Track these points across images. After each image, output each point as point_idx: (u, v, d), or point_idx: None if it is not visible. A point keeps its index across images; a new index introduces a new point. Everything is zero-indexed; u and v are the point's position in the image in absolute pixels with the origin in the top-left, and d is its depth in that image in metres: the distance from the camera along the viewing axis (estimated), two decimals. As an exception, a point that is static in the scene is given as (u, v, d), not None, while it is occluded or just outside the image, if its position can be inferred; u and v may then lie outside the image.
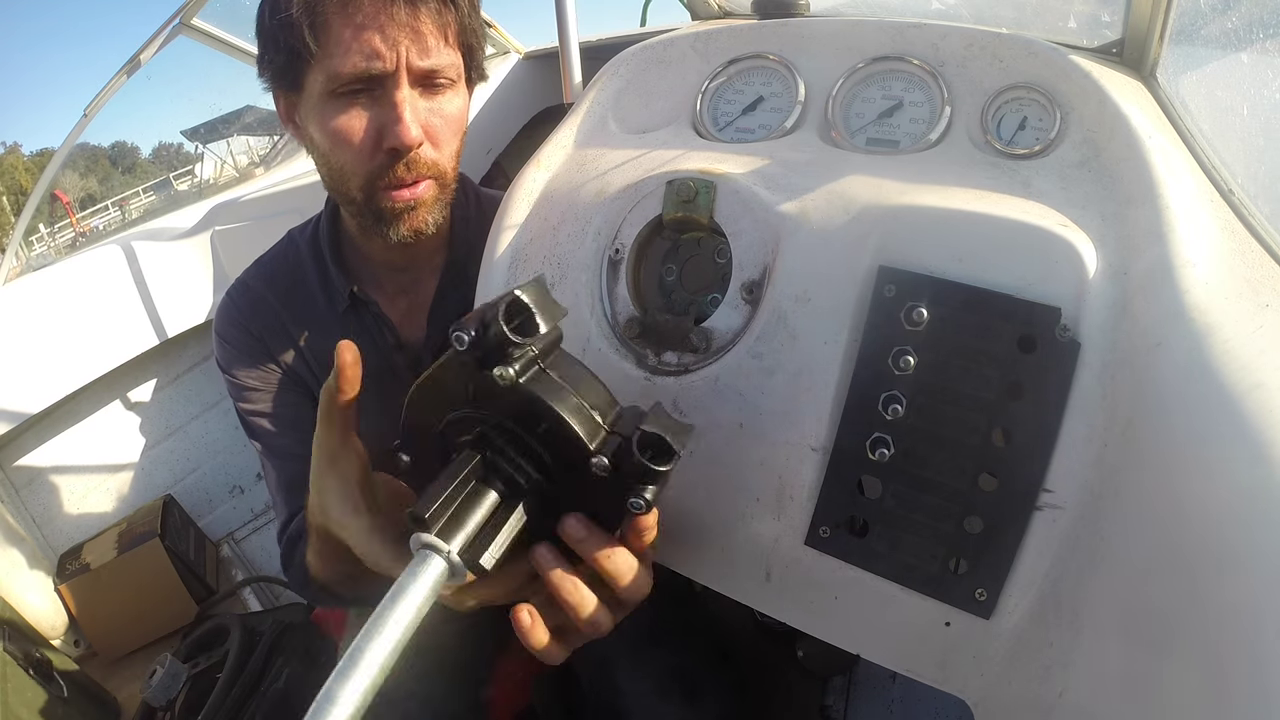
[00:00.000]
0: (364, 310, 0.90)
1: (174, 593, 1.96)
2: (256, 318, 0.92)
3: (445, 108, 0.77)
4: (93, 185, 11.71)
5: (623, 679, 0.84)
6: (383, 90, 0.73)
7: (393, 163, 0.75)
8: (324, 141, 0.76)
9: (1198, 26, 0.66)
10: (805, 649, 1.22)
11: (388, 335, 0.91)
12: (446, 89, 0.77)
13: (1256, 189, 0.53)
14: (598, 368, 0.66)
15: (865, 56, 0.65)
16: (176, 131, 6.74)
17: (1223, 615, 0.36)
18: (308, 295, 0.92)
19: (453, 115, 0.78)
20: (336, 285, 0.90)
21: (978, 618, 0.51)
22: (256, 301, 0.93)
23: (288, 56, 0.73)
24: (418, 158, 0.76)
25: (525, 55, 2.05)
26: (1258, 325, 0.42)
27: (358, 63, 0.70)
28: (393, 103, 0.72)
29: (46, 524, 2.11)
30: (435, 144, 0.77)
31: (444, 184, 0.81)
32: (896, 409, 0.52)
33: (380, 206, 0.78)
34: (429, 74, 0.74)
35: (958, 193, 0.55)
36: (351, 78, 0.72)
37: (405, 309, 0.92)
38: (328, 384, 0.50)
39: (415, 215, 0.79)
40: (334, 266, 0.90)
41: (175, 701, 1.39)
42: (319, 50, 0.71)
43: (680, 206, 0.62)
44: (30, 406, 1.92)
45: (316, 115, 0.75)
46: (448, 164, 0.80)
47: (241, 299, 0.94)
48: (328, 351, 0.91)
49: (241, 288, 0.95)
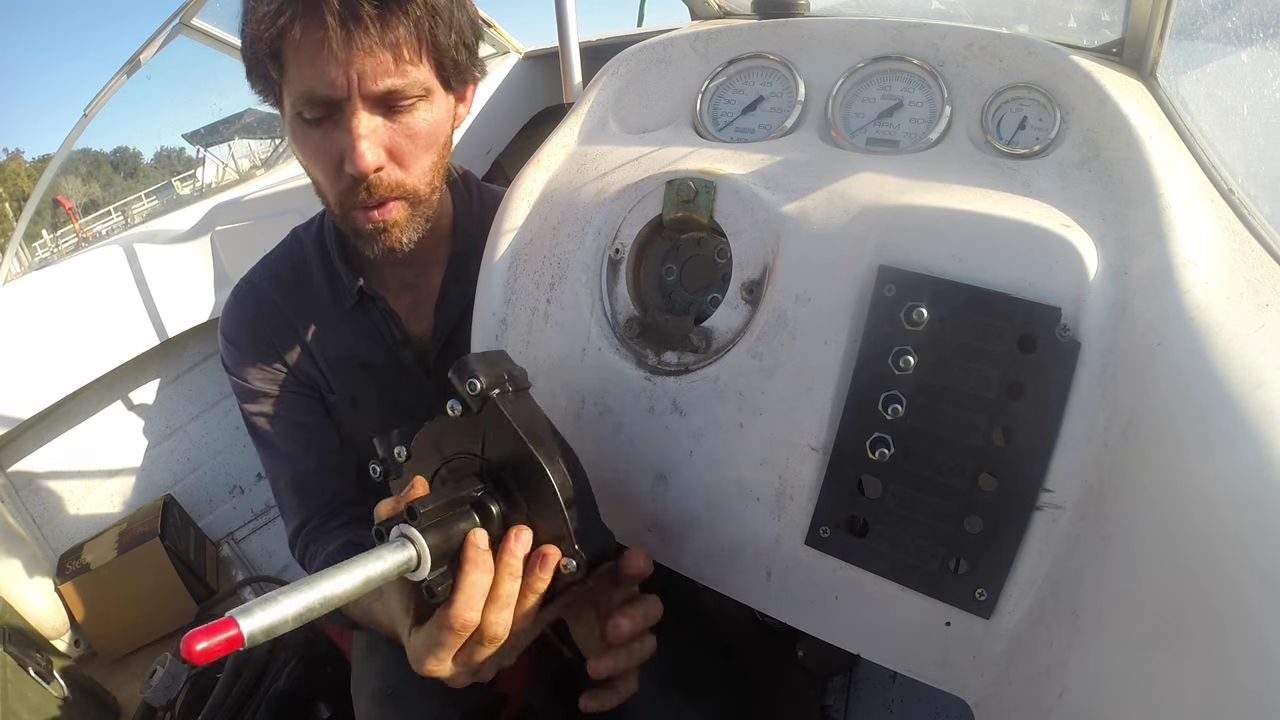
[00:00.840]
0: (371, 306, 0.91)
1: (174, 593, 1.96)
2: (262, 318, 0.93)
3: (414, 125, 0.76)
4: (95, 190, 11.71)
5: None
6: (341, 115, 0.73)
7: (355, 186, 0.75)
8: (301, 159, 0.79)
9: (1198, 26, 0.66)
10: (805, 649, 1.22)
11: (395, 330, 0.91)
12: (414, 106, 0.75)
13: (1256, 189, 0.53)
14: (598, 368, 0.66)
15: (865, 56, 0.65)
16: (177, 134, 6.74)
17: (1223, 615, 0.36)
18: (314, 293, 0.92)
19: (423, 131, 0.77)
20: (344, 281, 0.90)
21: (978, 617, 0.51)
22: (262, 302, 0.93)
23: (262, 81, 0.76)
24: (380, 180, 0.75)
25: (525, 55, 2.05)
26: (1258, 325, 0.42)
27: (314, 90, 0.71)
28: (347, 129, 0.72)
29: (46, 524, 2.11)
30: (402, 164, 0.77)
31: (416, 201, 0.80)
32: (896, 409, 0.52)
33: (355, 225, 0.79)
34: (387, 95, 0.73)
35: (958, 192, 0.55)
36: (309, 103, 0.72)
37: (411, 304, 0.93)
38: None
39: (388, 236, 0.79)
40: (341, 263, 0.90)
41: (175, 701, 1.39)
42: (282, 79, 0.73)
43: (680, 206, 0.62)
44: (30, 407, 1.92)
45: (291, 134, 0.78)
46: (419, 181, 0.79)
47: (247, 299, 0.94)
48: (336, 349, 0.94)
49: (247, 287, 0.95)
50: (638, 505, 0.66)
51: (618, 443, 0.65)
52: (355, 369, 0.93)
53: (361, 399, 0.93)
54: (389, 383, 0.93)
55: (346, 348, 0.92)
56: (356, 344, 0.92)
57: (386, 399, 0.93)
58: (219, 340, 0.95)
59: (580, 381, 0.67)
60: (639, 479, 0.65)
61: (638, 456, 0.65)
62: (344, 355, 0.92)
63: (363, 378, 0.93)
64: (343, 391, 0.93)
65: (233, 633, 0.35)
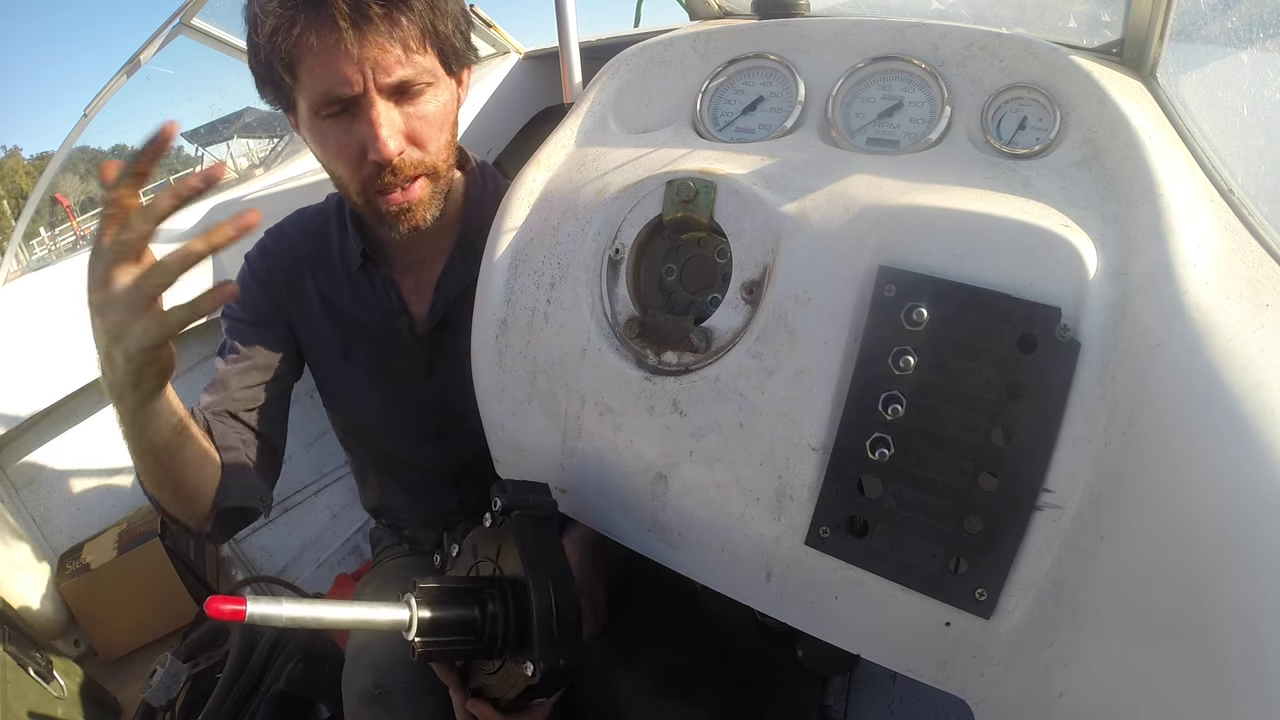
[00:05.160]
0: (374, 271, 0.96)
1: (174, 593, 1.95)
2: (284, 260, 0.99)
3: (426, 109, 0.81)
4: (93, 188, 11.70)
5: (621, 677, 0.84)
6: (359, 108, 0.78)
7: (379, 172, 0.80)
8: (321, 155, 0.84)
9: (1198, 26, 0.66)
10: (805, 649, 1.21)
11: (393, 297, 0.96)
12: (424, 91, 0.81)
13: (1256, 189, 0.53)
14: (598, 368, 0.66)
15: (865, 56, 0.65)
16: (176, 133, 6.72)
17: (1223, 615, 0.36)
18: (331, 250, 1.00)
19: (436, 113, 0.82)
20: (351, 244, 0.96)
21: (978, 618, 0.51)
22: (285, 247, 1.01)
23: (275, 88, 0.81)
24: (403, 162, 0.81)
25: (525, 55, 2.04)
26: (1258, 325, 0.42)
27: (330, 89, 0.76)
28: (368, 121, 0.77)
29: (46, 524, 2.11)
30: (421, 145, 0.82)
31: (436, 177, 0.85)
32: (897, 409, 0.52)
33: (379, 209, 0.84)
34: (401, 85, 0.78)
35: (958, 192, 0.55)
36: (327, 102, 0.78)
37: (414, 285, 0.97)
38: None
39: (412, 215, 0.84)
40: (351, 226, 0.96)
41: (175, 701, 1.39)
42: (296, 82, 0.78)
43: (680, 206, 0.62)
44: (30, 406, 1.92)
45: (311, 133, 0.83)
46: (438, 158, 0.84)
47: (278, 242, 1.02)
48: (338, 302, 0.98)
49: (278, 232, 1.03)
50: (638, 505, 0.66)
51: (618, 443, 0.65)
52: (353, 326, 0.98)
53: (354, 354, 0.98)
54: (383, 348, 0.98)
55: (348, 304, 0.97)
56: (357, 306, 0.97)
57: (379, 360, 0.99)
58: (242, 262, 1.01)
59: (580, 381, 0.67)
60: (639, 479, 0.65)
61: (638, 456, 0.65)
62: (344, 310, 0.98)
63: (359, 335, 0.98)
64: (338, 342, 0.98)
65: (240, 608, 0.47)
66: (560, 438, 0.69)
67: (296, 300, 0.98)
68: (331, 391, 1.02)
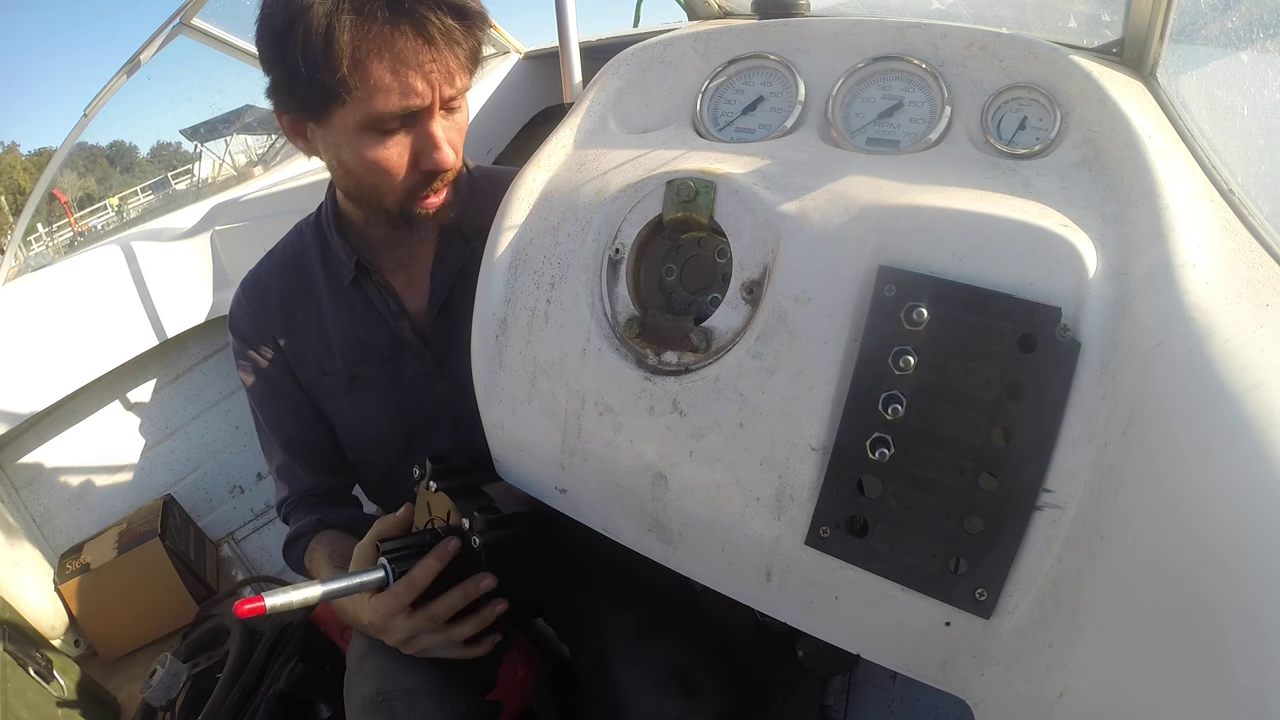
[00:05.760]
0: (368, 281, 0.96)
1: (174, 593, 1.95)
2: (266, 309, 1.00)
3: (461, 119, 0.85)
4: (91, 185, 11.69)
5: (620, 672, 0.84)
6: (417, 121, 0.80)
7: (429, 180, 0.84)
8: (358, 166, 0.83)
9: (1198, 26, 0.66)
10: (805, 649, 1.21)
11: (391, 303, 0.96)
12: (460, 104, 0.84)
13: (1256, 189, 0.53)
14: (598, 368, 0.66)
15: (865, 56, 0.65)
16: (175, 131, 6.73)
17: (1223, 614, 0.36)
18: (314, 279, 0.99)
19: (465, 122, 0.87)
20: (342, 258, 0.96)
21: (978, 618, 0.51)
22: (265, 293, 1.00)
23: (319, 95, 0.76)
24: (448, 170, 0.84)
25: (525, 55, 2.04)
26: (1258, 325, 0.42)
27: (398, 101, 0.76)
28: (429, 133, 0.80)
29: (46, 524, 2.11)
30: (457, 153, 0.85)
31: (457, 178, 0.89)
32: (897, 409, 0.52)
33: (414, 214, 0.87)
34: (452, 98, 0.81)
35: (958, 192, 0.55)
36: (392, 116, 0.78)
37: (406, 281, 0.98)
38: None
39: (444, 213, 0.89)
40: (340, 238, 0.96)
41: (175, 701, 1.39)
42: (357, 90, 0.75)
43: (680, 206, 0.62)
44: (30, 406, 1.92)
45: (350, 144, 0.81)
46: (460, 162, 0.88)
47: (253, 292, 1.01)
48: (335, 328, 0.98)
49: (253, 280, 1.03)
50: (638, 505, 0.66)
51: (618, 443, 0.65)
52: (354, 347, 0.98)
53: (361, 376, 0.99)
54: (388, 358, 0.98)
55: (345, 327, 0.98)
56: (355, 323, 0.97)
57: (386, 374, 0.99)
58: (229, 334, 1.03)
59: (580, 381, 0.67)
60: (639, 479, 0.65)
61: (638, 456, 0.65)
62: (343, 334, 0.98)
63: (362, 355, 0.98)
64: (342, 369, 0.98)
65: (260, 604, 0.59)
66: (560, 437, 0.69)
67: (292, 343, 0.99)
68: (347, 420, 1.01)
